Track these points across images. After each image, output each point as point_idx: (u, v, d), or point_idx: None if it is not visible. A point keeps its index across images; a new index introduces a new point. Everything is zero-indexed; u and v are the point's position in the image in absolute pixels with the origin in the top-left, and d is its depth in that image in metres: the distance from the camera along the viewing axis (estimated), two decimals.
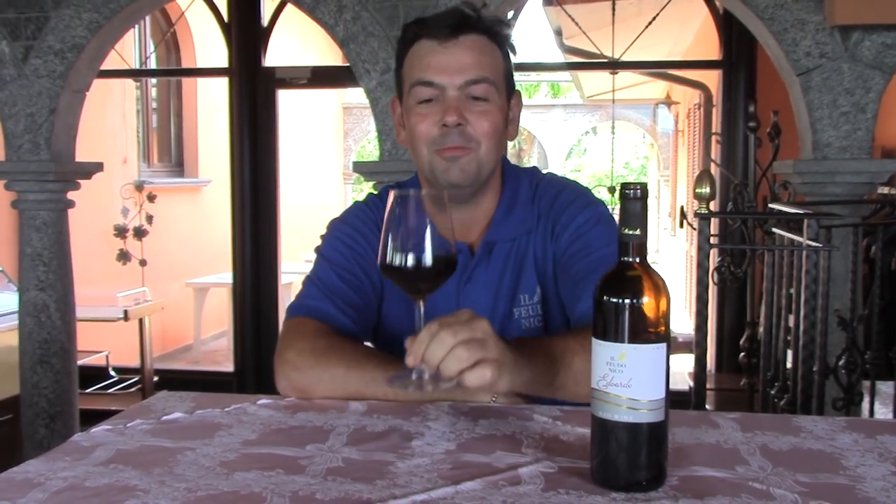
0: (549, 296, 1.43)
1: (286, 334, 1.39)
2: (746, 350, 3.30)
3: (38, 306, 3.82)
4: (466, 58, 1.36)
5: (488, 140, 1.38)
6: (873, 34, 3.07)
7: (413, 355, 1.05)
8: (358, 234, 1.47)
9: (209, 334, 7.56)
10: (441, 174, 1.39)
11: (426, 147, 1.39)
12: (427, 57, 1.37)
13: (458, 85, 1.36)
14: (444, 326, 1.04)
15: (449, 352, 1.03)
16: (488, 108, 1.37)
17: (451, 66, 1.36)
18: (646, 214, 0.95)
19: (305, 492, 0.92)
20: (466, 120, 1.36)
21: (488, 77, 1.37)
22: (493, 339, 1.07)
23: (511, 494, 0.91)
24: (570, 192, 1.47)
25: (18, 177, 3.78)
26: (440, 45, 1.36)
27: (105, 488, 0.93)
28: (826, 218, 2.58)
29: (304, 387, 1.30)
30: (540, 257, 1.44)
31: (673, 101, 10.33)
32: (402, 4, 3.42)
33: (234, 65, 5.11)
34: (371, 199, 1.54)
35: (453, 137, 1.36)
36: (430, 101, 1.37)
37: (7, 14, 3.71)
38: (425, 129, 1.38)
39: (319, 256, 1.48)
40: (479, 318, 1.08)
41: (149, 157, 7.23)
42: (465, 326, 1.05)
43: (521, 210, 1.46)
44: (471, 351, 1.03)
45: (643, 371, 0.92)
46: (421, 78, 1.37)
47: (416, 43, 1.40)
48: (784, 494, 0.91)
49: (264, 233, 5.21)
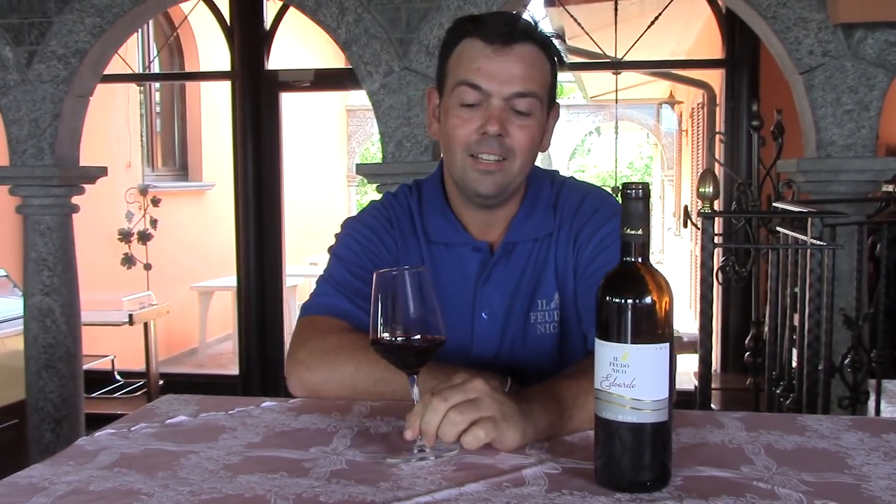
0: (568, 304, 1.42)
1: (298, 334, 1.38)
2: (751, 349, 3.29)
3: (43, 311, 3.83)
4: (517, 69, 1.33)
5: (523, 154, 1.36)
6: (876, 32, 3.06)
7: (411, 429, 1.04)
8: (371, 233, 1.46)
9: (214, 338, 7.57)
10: (472, 183, 1.38)
11: (461, 151, 1.37)
12: (478, 60, 1.34)
13: (505, 95, 1.34)
14: (436, 394, 1.04)
15: (443, 418, 1.02)
16: (529, 123, 1.36)
17: (501, 74, 1.33)
18: (648, 214, 0.95)
19: (309, 494, 0.92)
20: (507, 132, 1.34)
21: (536, 92, 1.35)
22: (490, 397, 1.05)
23: (515, 496, 0.91)
24: (593, 198, 1.45)
25: (23, 182, 3.79)
26: (494, 51, 1.33)
27: (109, 492, 0.93)
28: (830, 216, 2.57)
29: (314, 386, 1.30)
30: (561, 265, 1.43)
31: (676, 100, 10.31)
32: (405, 6, 3.42)
33: (237, 68, 5.11)
34: (387, 198, 1.53)
35: (491, 145, 1.34)
36: (472, 106, 1.35)
37: (10, 19, 3.72)
38: (464, 133, 1.36)
39: (333, 256, 1.47)
40: (474, 378, 1.06)
41: (153, 162, 7.24)
42: (456, 391, 1.04)
43: (542, 213, 1.45)
44: (463, 414, 1.02)
45: (646, 371, 0.91)
46: (469, 79, 1.34)
47: (468, 40, 1.36)
48: (789, 494, 0.91)
49: (268, 236, 5.21)
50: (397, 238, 1.47)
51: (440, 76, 1.43)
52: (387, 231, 1.46)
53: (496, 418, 1.03)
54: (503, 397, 1.07)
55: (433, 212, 1.46)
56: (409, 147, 3.43)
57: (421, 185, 1.52)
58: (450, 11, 3.35)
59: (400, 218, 1.48)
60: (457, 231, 1.44)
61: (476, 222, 1.45)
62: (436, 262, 1.44)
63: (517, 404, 1.08)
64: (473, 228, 1.45)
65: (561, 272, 1.42)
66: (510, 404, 1.06)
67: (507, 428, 1.04)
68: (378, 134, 3.54)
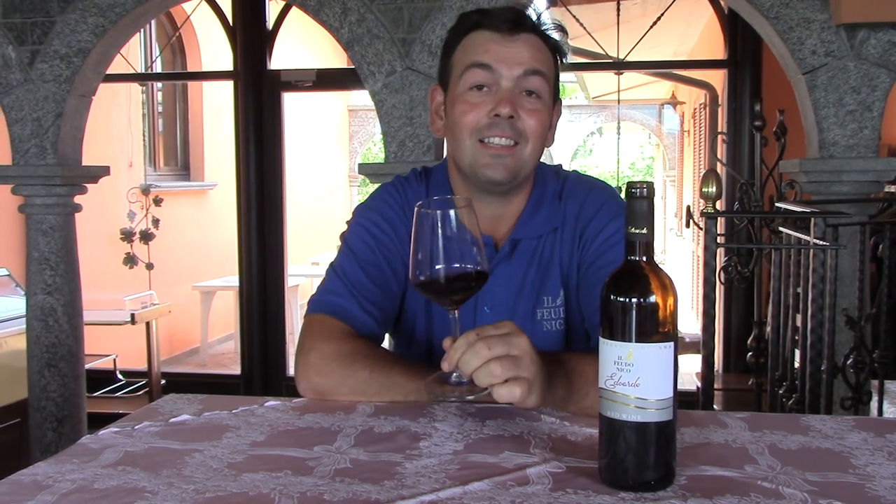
0: (572, 300, 1.43)
1: (309, 333, 1.36)
2: (754, 350, 3.29)
3: (45, 310, 3.83)
4: (524, 53, 1.35)
5: (535, 139, 1.37)
6: (879, 32, 3.06)
7: (448, 361, 1.04)
8: (384, 221, 1.45)
9: (216, 337, 7.57)
10: (482, 168, 1.37)
11: (470, 137, 1.36)
12: (487, 44, 1.36)
13: (516, 76, 1.35)
14: (481, 338, 1.03)
15: (482, 364, 1.02)
16: (539, 105, 1.37)
17: (511, 57, 1.35)
18: (652, 213, 0.95)
19: (313, 493, 0.92)
20: (518, 115, 1.35)
21: (544, 71, 1.37)
22: (529, 357, 1.04)
23: (519, 494, 0.91)
24: (598, 193, 1.45)
25: (25, 181, 3.80)
26: (502, 36, 1.36)
27: (113, 490, 0.93)
28: (833, 216, 2.57)
29: (325, 390, 1.30)
30: (566, 261, 1.43)
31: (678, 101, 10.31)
32: (407, 6, 3.42)
33: (240, 68, 5.12)
34: (398, 181, 1.52)
35: (503, 128, 1.34)
36: (482, 90, 1.36)
37: (13, 19, 3.72)
38: (473, 117, 1.36)
39: (345, 245, 1.46)
40: (519, 334, 1.06)
41: (155, 161, 7.25)
42: (502, 341, 1.03)
43: (548, 208, 1.45)
44: (504, 368, 1.02)
45: (651, 370, 0.91)
46: (479, 60, 1.36)
47: (476, 31, 1.38)
48: (793, 493, 0.91)
49: (270, 235, 5.21)
50: (410, 227, 1.46)
51: (444, 70, 1.44)
52: (399, 218, 1.45)
53: (531, 381, 1.04)
54: (540, 361, 1.07)
55: None
56: (411, 147, 3.44)
57: (430, 172, 1.51)
58: (452, 11, 3.35)
59: (412, 205, 1.48)
60: None
61: (483, 216, 1.44)
62: None
63: (547, 370, 1.09)
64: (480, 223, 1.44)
65: (566, 269, 1.43)
66: (544, 369, 1.08)
67: (534, 392, 1.05)
68: (380, 134, 3.54)
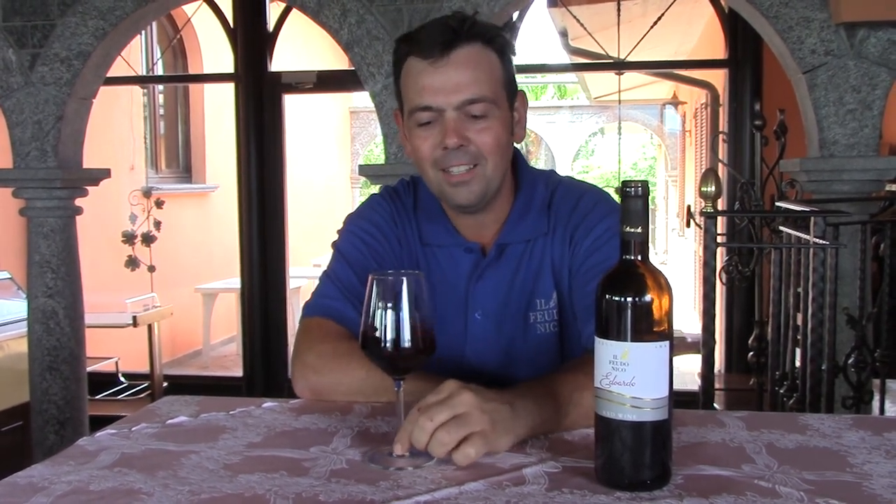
0: (565, 303, 1.42)
1: (305, 335, 1.37)
2: (755, 349, 3.29)
3: (46, 313, 3.84)
4: (460, 76, 1.31)
5: (493, 156, 1.35)
6: (879, 31, 3.05)
7: (400, 443, 1.02)
8: (375, 229, 1.46)
9: (218, 339, 7.57)
10: (448, 195, 1.38)
11: (432, 167, 1.36)
12: (420, 79, 1.33)
13: (455, 105, 1.32)
14: (423, 412, 1.01)
15: (430, 437, 0.99)
16: (489, 124, 1.34)
17: (446, 86, 1.31)
18: (647, 212, 0.95)
19: (309, 493, 0.92)
20: (468, 140, 1.33)
21: (486, 96, 1.33)
22: (478, 409, 1.01)
23: (515, 494, 0.91)
24: (589, 196, 1.44)
25: (26, 184, 3.80)
26: (431, 65, 1.31)
27: (109, 492, 0.93)
28: (833, 215, 2.57)
29: (322, 389, 1.30)
30: (558, 264, 1.42)
31: (680, 101, 10.30)
32: (407, 7, 3.42)
33: (241, 70, 5.12)
34: (387, 192, 1.52)
35: (457, 157, 1.33)
36: (429, 124, 1.34)
37: (13, 22, 3.73)
38: (428, 150, 1.35)
39: (337, 252, 1.47)
40: (461, 391, 1.03)
41: (156, 164, 7.25)
42: (443, 406, 1.01)
43: (535, 215, 1.44)
44: (451, 433, 0.99)
45: (646, 369, 0.91)
46: (418, 104, 1.34)
47: (409, 60, 1.35)
48: (790, 492, 0.91)
49: (272, 237, 5.22)
50: (400, 236, 1.47)
51: (398, 98, 1.42)
52: (389, 227, 1.46)
53: (486, 431, 1.01)
54: (493, 405, 1.03)
55: (427, 215, 1.46)
56: None
57: (418, 184, 1.51)
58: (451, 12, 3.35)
59: (402, 215, 1.48)
60: (449, 234, 1.44)
61: (468, 225, 1.44)
62: (429, 262, 1.45)
63: (509, 404, 1.06)
64: (466, 231, 1.44)
65: (558, 271, 1.42)
66: (500, 409, 1.04)
67: (498, 436, 1.02)
68: (381, 135, 3.54)
